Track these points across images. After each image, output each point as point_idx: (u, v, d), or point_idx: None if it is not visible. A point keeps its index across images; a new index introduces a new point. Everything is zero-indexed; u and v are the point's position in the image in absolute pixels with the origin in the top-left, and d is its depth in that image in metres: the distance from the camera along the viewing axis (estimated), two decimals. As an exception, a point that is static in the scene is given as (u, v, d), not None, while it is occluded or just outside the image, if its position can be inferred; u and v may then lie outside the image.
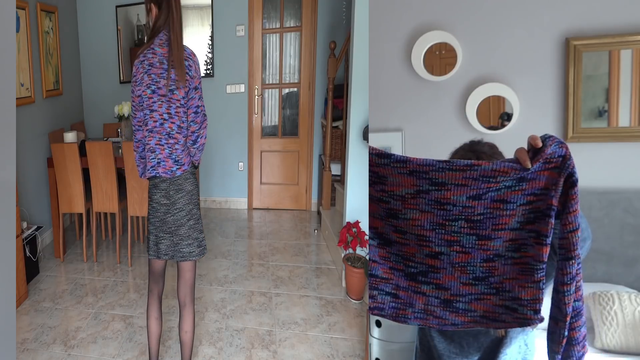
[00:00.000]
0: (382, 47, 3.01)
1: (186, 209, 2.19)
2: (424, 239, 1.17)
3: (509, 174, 1.09)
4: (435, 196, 1.13)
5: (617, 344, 2.29)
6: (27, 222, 3.66)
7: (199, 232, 2.24)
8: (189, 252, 2.22)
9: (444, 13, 2.90)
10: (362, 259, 3.20)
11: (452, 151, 1.49)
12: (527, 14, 2.77)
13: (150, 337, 2.38)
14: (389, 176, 1.14)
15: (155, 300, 2.34)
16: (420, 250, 1.19)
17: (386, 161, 1.13)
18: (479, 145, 1.45)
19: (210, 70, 5.10)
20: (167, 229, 2.20)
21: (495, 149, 1.46)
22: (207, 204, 5.31)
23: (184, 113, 2.11)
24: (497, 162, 1.08)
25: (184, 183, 2.18)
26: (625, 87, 2.66)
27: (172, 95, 2.08)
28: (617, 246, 2.68)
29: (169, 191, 2.17)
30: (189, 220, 2.20)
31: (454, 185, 1.11)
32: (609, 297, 2.35)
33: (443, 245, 1.17)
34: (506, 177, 1.09)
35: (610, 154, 2.73)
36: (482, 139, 1.49)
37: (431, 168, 1.11)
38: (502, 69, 2.84)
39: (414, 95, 2.98)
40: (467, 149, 1.44)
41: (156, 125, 2.12)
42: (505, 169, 1.09)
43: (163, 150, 2.13)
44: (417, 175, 1.12)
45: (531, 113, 2.82)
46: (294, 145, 5.09)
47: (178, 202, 2.18)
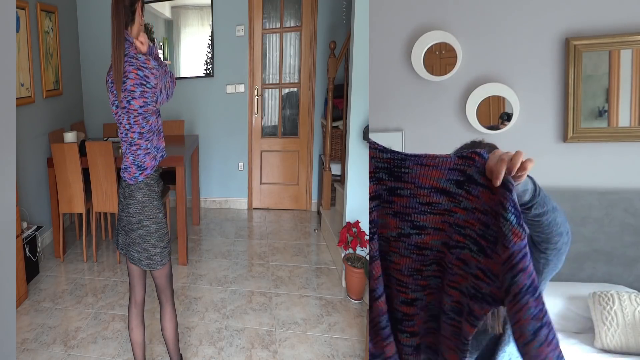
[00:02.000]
0: (382, 47, 3.01)
1: (136, 218, 2.18)
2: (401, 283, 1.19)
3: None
4: (415, 240, 1.14)
5: (617, 344, 2.29)
6: (27, 222, 3.66)
7: (151, 246, 2.19)
8: (138, 259, 2.22)
9: (444, 13, 2.90)
10: (362, 259, 3.19)
11: (453, 151, 1.49)
12: (527, 14, 2.77)
13: (133, 347, 2.37)
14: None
15: (134, 308, 2.33)
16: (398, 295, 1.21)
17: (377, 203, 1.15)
18: (480, 145, 1.45)
19: (210, 70, 5.10)
20: (122, 225, 2.26)
21: (494, 149, 1.46)
22: (207, 204, 5.32)
23: (142, 119, 2.10)
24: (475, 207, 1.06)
25: (136, 191, 2.17)
26: (625, 87, 2.66)
27: (129, 106, 2.05)
28: (617, 246, 2.68)
29: (124, 193, 2.22)
30: (139, 229, 2.19)
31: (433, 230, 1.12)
32: (609, 297, 2.35)
33: (418, 291, 1.18)
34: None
35: (610, 154, 2.73)
36: (483, 139, 1.49)
37: (413, 210, 1.11)
38: (502, 69, 2.84)
39: (414, 95, 2.98)
40: (468, 149, 1.44)
41: (122, 135, 2.17)
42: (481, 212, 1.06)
43: (127, 157, 2.17)
44: (400, 217, 1.13)
45: (531, 113, 2.82)
46: (294, 145, 5.09)
47: (129, 207, 2.20)
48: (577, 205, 2.71)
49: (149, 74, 2.03)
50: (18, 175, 3.63)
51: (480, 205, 1.06)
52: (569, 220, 1.24)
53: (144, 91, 2.02)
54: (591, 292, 2.43)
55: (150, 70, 2.03)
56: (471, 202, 1.08)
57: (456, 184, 1.09)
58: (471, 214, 1.09)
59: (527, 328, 1.00)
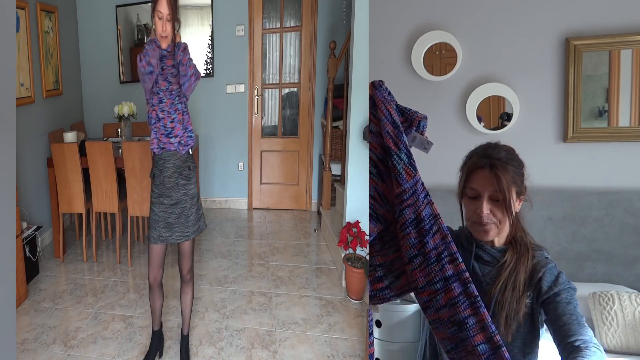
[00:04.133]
0: (382, 47, 3.01)
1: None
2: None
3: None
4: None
5: (617, 344, 2.29)
6: (27, 222, 3.66)
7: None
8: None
9: (444, 13, 2.90)
10: (362, 259, 3.19)
11: (466, 154, 1.42)
12: (527, 14, 2.77)
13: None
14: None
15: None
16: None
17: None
18: (495, 150, 1.35)
19: (210, 70, 5.10)
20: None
21: (512, 154, 1.36)
22: (207, 204, 5.31)
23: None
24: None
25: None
26: (625, 87, 2.66)
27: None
28: (617, 246, 2.68)
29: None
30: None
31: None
32: (609, 297, 2.35)
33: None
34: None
35: (610, 154, 2.73)
36: (499, 141, 1.40)
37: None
38: (502, 69, 2.84)
39: (414, 95, 2.98)
40: (480, 154, 1.36)
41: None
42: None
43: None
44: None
45: (531, 113, 2.82)
46: (294, 145, 5.09)
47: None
48: (577, 205, 2.71)
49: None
50: (18, 175, 3.63)
51: (382, 131, 1.22)
52: (569, 220, 1.24)
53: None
54: (591, 292, 2.43)
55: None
56: (375, 126, 1.24)
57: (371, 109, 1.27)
58: (375, 137, 1.23)
59: (406, 254, 1.22)
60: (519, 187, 1.34)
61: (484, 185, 1.32)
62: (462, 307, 1.17)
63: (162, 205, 2.46)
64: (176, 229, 2.47)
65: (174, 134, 2.40)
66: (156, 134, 2.41)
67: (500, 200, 1.31)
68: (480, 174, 1.33)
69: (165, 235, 2.47)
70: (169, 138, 2.40)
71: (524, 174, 1.37)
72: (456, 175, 1.42)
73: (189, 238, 2.51)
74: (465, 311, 1.17)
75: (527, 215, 1.39)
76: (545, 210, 2.73)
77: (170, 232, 2.47)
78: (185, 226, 2.48)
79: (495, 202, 1.33)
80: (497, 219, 1.33)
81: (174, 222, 2.47)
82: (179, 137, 2.42)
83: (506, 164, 1.33)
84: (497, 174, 1.30)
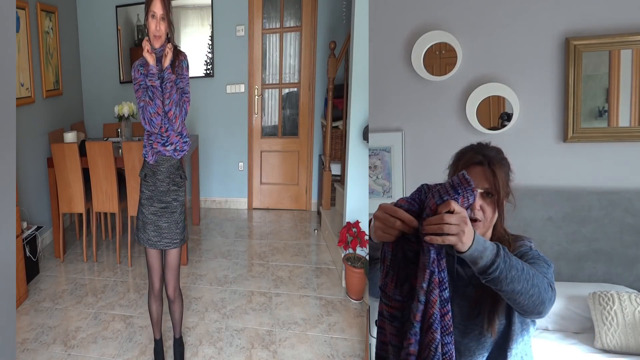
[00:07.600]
0: (382, 47, 3.01)
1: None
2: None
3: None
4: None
5: (617, 344, 2.29)
6: (27, 222, 3.66)
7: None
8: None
9: (444, 13, 2.90)
10: (362, 259, 3.19)
11: (458, 151, 1.45)
12: (527, 14, 2.77)
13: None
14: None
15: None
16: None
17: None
18: (487, 149, 1.42)
19: (210, 70, 5.10)
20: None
21: (501, 154, 1.43)
22: (207, 204, 5.32)
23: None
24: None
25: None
26: (625, 87, 2.66)
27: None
28: (617, 246, 2.68)
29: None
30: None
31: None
32: (609, 297, 2.35)
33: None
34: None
35: (610, 154, 2.73)
36: (490, 142, 1.46)
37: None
38: (502, 69, 2.84)
39: (414, 95, 2.98)
40: (475, 151, 1.41)
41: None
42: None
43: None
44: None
45: (531, 113, 2.82)
46: (294, 145, 5.09)
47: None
48: (577, 205, 2.71)
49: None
50: (18, 175, 3.63)
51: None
52: (568, 220, 1.24)
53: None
54: (591, 292, 2.43)
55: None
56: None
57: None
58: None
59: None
60: (507, 188, 1.38)
61: (479, 181, 1.34)
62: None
63: (152, 208, 2.41)
64: (165, 235, 2.41)
65: (170, 141, 2.38)
66: (151, 146, 2.39)
67: (494, 196, 1.34)
68: (477, 169, 1.36)
69: (154, 240, 2.41)
70: (165, 147, 2.38)
71: (510, 176, 1.41)
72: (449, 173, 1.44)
73: (177, 246, 2.44)
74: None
75: (527, 216, 1.40)
76: (545, 210, 2.73)
77: (159, 237, 2.41)
78: (174, 233, 2.42)
79: (486, 199, 1.34)
80: (485, 216, 1.34)
81: (164, 227, 2.41)
82: (174, 144, 2.39)
83: (501, 162, 1.38)
84: (494, 170, 1.34)
